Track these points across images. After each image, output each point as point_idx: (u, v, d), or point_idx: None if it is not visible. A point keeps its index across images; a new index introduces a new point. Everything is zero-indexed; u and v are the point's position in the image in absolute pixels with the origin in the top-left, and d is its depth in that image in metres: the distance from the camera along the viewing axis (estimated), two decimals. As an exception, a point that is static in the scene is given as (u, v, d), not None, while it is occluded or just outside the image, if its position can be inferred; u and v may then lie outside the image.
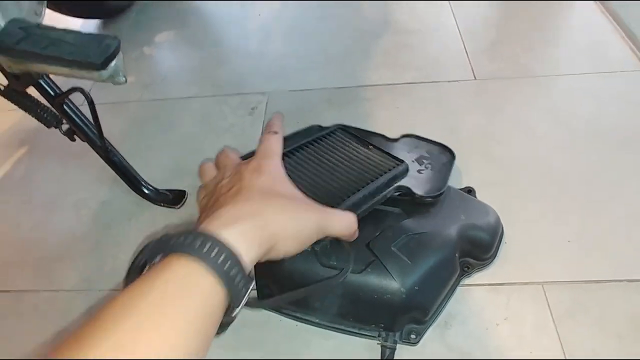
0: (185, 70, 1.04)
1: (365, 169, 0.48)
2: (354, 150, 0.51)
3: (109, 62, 0.48)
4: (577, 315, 0.58)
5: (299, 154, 0.48)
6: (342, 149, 0.51)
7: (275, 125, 0.43)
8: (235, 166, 0.38)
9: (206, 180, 0.40)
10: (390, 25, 1.07)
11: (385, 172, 0.48)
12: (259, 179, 0.35)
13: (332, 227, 0.36)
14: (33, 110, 0.64)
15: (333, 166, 0.48)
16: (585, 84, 0.87)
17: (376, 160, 0.50)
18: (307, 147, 0.49)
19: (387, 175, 0.48)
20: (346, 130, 0.54)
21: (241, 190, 0.33)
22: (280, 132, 0.41)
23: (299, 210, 0.34)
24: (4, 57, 0.47)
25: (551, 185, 0.71)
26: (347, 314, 0.56)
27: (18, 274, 0.71)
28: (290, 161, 0.47)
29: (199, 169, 0.42)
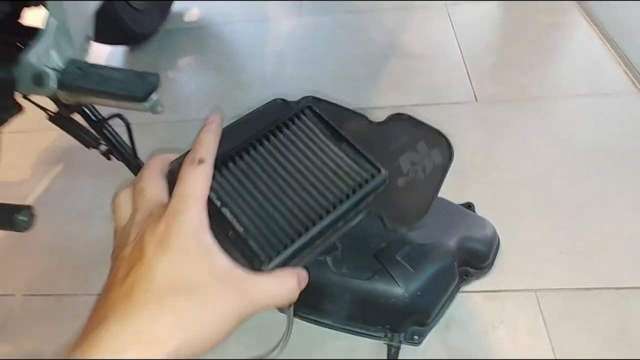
0: (207, 93, 1.13)
1: (331, 182, 0.36)
2: (320, 150, 0.38)
3: (150, 95, 0.56)
4: (567, 319, 0.64)
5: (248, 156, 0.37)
6: (304, 147, 0.38)
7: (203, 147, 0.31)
8: (147, 219, 0.29)
9: (117, 222, 0.31)
10: (397, 50, 1.15)
11: (355, 188, 0.36)
12: (164, 262, 0.26)
13: (262, 306, 0.29)
14: (76, 134, 0.73)
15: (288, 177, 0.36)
16: (581, 106, 0.93)
17: (347, 168, 0.38)
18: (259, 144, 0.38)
19: (358, 194, 0.36)
20: (316, 113, 0.41)
21: (134, 286, 0.25)
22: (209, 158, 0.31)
23: (212, 306, 0.26)
24: (64, 92, 0.56)
25: (546, 202, 0.77)
26: (357, 317, 0.63)
27: (58, 279, 0.78)
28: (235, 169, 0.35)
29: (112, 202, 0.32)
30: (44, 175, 0.97)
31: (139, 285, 0.26)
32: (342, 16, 1.31)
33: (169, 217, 0.28)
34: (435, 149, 0.45)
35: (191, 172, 0.30)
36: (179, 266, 0.26)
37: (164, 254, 0.26)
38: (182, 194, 0.29)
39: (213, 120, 0.34)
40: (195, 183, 0.29)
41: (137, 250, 0.27)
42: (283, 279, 0.30)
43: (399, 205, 0.40)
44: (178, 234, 0.27)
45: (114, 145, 0.75)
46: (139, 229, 0.28)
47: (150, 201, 0.30)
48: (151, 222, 0.28)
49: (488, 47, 1.13)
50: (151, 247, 0.27)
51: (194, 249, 0.27)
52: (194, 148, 0.31)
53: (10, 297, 0.77)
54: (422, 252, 0.62)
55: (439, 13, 1.24)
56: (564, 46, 1.11)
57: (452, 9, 1.25)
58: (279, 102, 0.44)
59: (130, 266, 0.27)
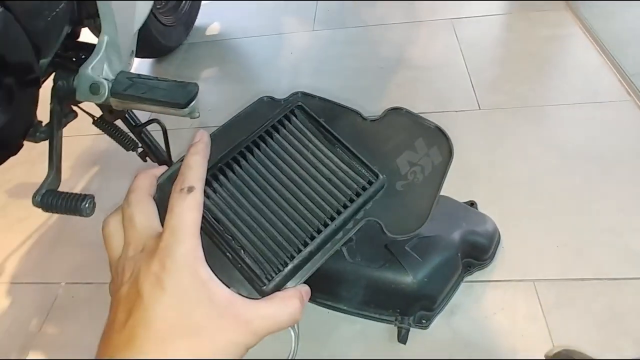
0: (229, 102, 1.22)
1: (328, 191, 0.35)
2: (313, 156, 0.36)
3: (190, 102, 0.64)
4: (563, 307, 0.70)
5: (238, 167, 0.35)
6: (297, 154, 0.36)
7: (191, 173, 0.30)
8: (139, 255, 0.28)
9: (110, 253, 0.30)
10: (405, 62, 1.23)
11: (352, 198, 0.35)
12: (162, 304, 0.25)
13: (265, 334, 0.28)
14: (117, 137, 0.81)
15: (282, 189, 0.34)
16: (576, 113, 1.00)
17: (342, 175, 0.36)
18: (249, 152, 0.36)
19: (355, 203, 0.35)
20: (306, 112, 0.38)
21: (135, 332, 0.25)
22: (199, 184, 0.29)
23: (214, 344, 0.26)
24: (115, 99, 0.64)
25: (543, 201, 0.83)
26: (370, 302, 0.69)
27: (98, 269, 0.86)
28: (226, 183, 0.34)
29: (102, 230, 0.31)
30: (81, 176, 1.05)
31: (139, 331, 0.25)
32: (353, 30, 1.39)
33: (162, 253, 0.27)
34: (434, 146, 0.42)
35: (181, 202, 0.28)
36: (177, 306, 0.26)
37: (161, 295, 0.26)
38: (174, 227, 0.27)
39: (200, 139, 0.32)
40: (187, 213, 0.28)
41: (133, 291, 0.26)
42: (285, 302, 0.29)
43: (398, 212, 0.38)
44: (173, 271, 0.26)
45: (150, 148, 0.83)
46: (133, 265, 0.28)
47: (141, 233, 0.29)
48: (145, 259, 0.27)
49: (491, 59, 1.20)
50: (148, 288, 0.26)
51: (190, 285, 0.26)
52: (183, 173, 0.30)
53: (55, 285, 0.85)
54: (429, 244, 0.69)
55: (445, 28, 1.32)
56: (562, 57, 1.19)
57: (457, 24, 1.33)
58: (266, 100, 0.41)
59: (129, 308, 0.26)
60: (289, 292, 0.30)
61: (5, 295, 0.86)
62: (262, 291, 0.30)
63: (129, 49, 0.72)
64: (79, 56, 0.66)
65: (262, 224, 0.33)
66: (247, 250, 0.31)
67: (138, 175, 0.32)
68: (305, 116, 0.39)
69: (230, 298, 0.27)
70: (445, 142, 0.42)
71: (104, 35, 0.66)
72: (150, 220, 0.29)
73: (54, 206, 0.55)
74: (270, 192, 0.34)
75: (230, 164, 0.35)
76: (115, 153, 1.06)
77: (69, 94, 0.64)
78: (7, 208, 1.02)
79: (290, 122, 0.38)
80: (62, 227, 0.96)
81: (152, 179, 0.32)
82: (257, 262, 0.31)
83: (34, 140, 0.64)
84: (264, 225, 0.33)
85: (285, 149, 0.36)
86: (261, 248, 0.32)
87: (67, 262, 0.89)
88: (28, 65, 0.53)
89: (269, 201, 0.34)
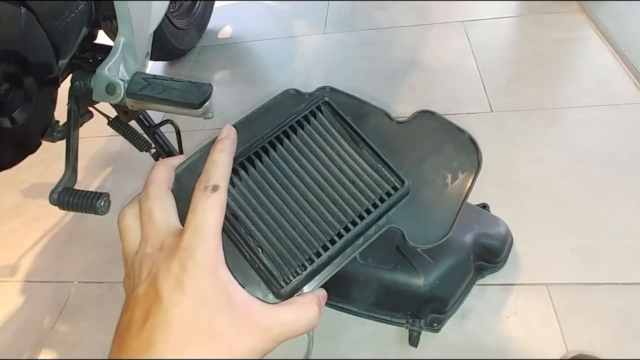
0: (240, 104, 1.22)
1: (351, 194, 0.34)
2: (338, 157, 0.36)
3: (205, 102, 0.65)
4: (577, 311, 0.69)
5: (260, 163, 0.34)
6: (322, 153, 0.35)
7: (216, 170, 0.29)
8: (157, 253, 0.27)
9: (126, 248, 0.29)
10: (417, 65, 1.22)
11: (376, 203, 0.34)
12: (182, 307, 0.25)
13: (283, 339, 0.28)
14: (131, 138, 0.82)
15: (305, 189, 0.34)
16: (590, 116, 0.99)
17: (367, 178, 0.35)
18: (272, 148, 0.34)
19: (379, 209, 0.34)
20: (333, 109, 0.37)
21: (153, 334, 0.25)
22: (224, 183, 0.29)
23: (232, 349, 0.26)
24: (131, 99, 0.65)
25: (556, 204, 0.83)
26: (381, 303, 0.69)
27: (111, 268, 0.87)
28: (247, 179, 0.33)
29: (118, 224, 0.30)
30: (96, 176, 1.07)
31: (158, 333, 0.25)
32: (365, 33, 1.40)
33: (183, 254, 0.26)
34: (462, 155, 0.40)
35: (205, 201, 0.27)
36: (197, 309, 0.25)
37: (181, 297, 0.25)
38: (196, 227, 0.27)
39: (227, 135, 0.31)
40: (210, 213, 0.27)
41: (152, 291, 0.26)
42: (303, 308, 0.28)
43: (421, 220, 0.37)
44: (194, 273, 0.25)
45: (163, 148, 0.84)
46: (152, 264, 0.27)
47: (159, 229, 0.28)
48: (164, 258, 0.26)
49: (503, 62, 1.19)
50: (167, 290, 0.25)
51: (211, 289, 0.26)
52: (208, 171, 0.29)
53: (69, 284, 0.87)
54: (441, 246, 0.68)
55: (457, 30, 1.32)
56: (575, 59, 1.18)
57: (469, 26, 1.33)
58: (292, 93, 0.40)
59: (147, 308, 0.25)
60: (307, 298, 0.29)
61: (20, 293, 0.87)
62: (279, 294, 0.29)
63: (144, 50, 0.73)
64: (95, 57, 0.68)
65: (282, 224, 0.32)
66: (265, 250, 0.31)
67: (156, 166, 0.30)
68: (332, 113, 0.37)
69: (249, 303, 0.27)
70: (474, 152, 0.40)
71: (121, 36, 0.67)
72: (169, 216, 0.29)
73: (70, 204, 0.56)
74: (292, 191, 0.33)
75: (252, 159, 0.33)
76: (129, 154, 1.08)
77: (85, 94, 0.66)
78: (22, 207, 1.04)
79: (315, 118, 0.37)
80: (75, 227, 0.97)
81: (170, 170, 0.31)
82: (275, 264, 0.30)
83: (52, 140, 0.65)
84: (284, 225, 0.32)
85: (309, 147, 0.35)
86: (280, 249, 0.31)
87: (80, 261, 0.90)
88: (48, 65, 0.54)
89: (290, 200, 0.33)
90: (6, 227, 1.00)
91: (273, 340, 0.27)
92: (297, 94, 0.39)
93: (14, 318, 0.84)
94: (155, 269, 0.26)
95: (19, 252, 0.95)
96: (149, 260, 0.27)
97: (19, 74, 0.50)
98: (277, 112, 0.37)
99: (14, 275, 0.91)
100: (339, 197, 0.34)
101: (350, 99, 0.41)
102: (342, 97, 0.40)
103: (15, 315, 0.84)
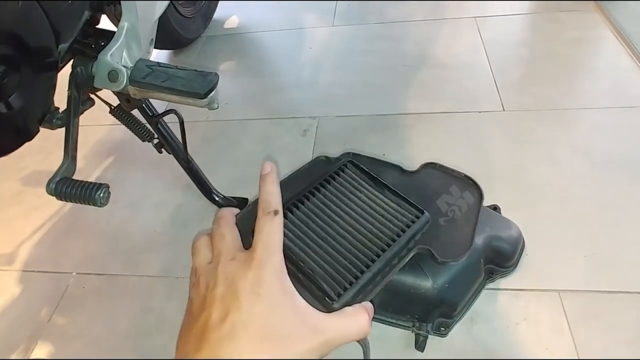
0: (246, 96, 1.20)
1: (381, 224, 0.40)
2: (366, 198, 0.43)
3: (210, 92, 0.62)
4: (590, 320, 0.67)
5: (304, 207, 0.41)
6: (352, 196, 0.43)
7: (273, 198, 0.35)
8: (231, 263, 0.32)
9: (198, 262, 0.35)
10: (428, 60, 1.19)
11: (403, 229, 0.41)
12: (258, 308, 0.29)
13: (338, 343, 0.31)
14: (133, 127, 0.80)
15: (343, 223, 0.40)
16: (606, 117, 0.96)
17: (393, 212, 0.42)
18: (312, 196, 0.42)
19: (407, 234, 0.40)
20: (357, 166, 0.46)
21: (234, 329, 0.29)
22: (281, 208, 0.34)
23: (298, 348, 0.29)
24: (133, 87, 0.62)
25: (569, 207, 0.80)
26: (387, 306, 0.67)
27: (110, 261, 0.85)
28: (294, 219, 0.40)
29: (193, 244, 0.36)
30: (96, 166, 1.05)
31: (238, 329, 0.29)
32: (375, 26, 1.37)
33: (257, 265, 0.31)
34: (466, 191, 0.54)
35: (268, 222, 0.33)
36: (270, 310, 0.30)
37: (258, 301, 0.30)
38: (265, 243, 0.32)
39: (272, 170, 0.37)
40: (274, 233, 0.33)
41: (230, 294, 0.30)
42: (355, 316, 0.33)
43: (445, 241, 0.46)
44: (267, 281, 0.30)
45: (166, 139, 0.81)
46: (227, 271, 0.32)
47: (231, 246, 0.34)
48: (239, 267, 0.31)
49: (516, 60, 1.16)
50: (245, 294, 0.30)
51: (280, 294, 0.30)
52: (265, 200, 0.35)
53: (67, 275, 0.85)
54: (451, 248, 0.66)
55: (469, 26, 1.29)
56: (591, 59, 1.14)
57: (481, 22, 1.29)
58: (322, 159, 0.51)
59: (226, 307, 0.30)
60: (356, 307, 0.34)
61: (17, 282, 0.85)
62: (332, 308, 0.34)
63: (148, 37, 0.71)
64: (98, 43, 0.65)
65: (327, 251, 0.38)
66: (316, 273, 0.36)
67: (222, 210, 0.38)
68: (356, 169, 0.47)
69: (308, 308, 0.31)
70: (475, 187, 0.54)
71: (124, 21, 0.65)
72: (238, 239, 0.35)
73: (68, 194, 0.54)
74: (333, 226, 0.40)
75: (296, 204, 0.41)
76: (131, 143, 1.05)
77: (87, 81, 0.63)
78: (22, 195, 1.02)
79: (344, 173, 0.46)
80: (76, 217, 0.95)
81: (234, 213, 0.38)
82: (327, 283, 0.35)
83: (51, 127, 0.63)
84: (329, 252, 0.38)
85: (342, 193, 0.44)
86: (329, 271, 0.36)
87: (80, 252, 0.88)
88: (47, 48, 0.52)
89: (332, 232, 0.40)
90: (5, 215, 0.98)
91: (328, 344, 0.31)
92: (326, 159, 0.51)
93: (10, 308, 0.82)
94: (231, 275, 0.31)
95: (17, 240, 0.93)
96: (224, 268, 0.32)
97: (15, 57, 0.48)
98: (309, 173, 0.47)
99: (12, 264, 0.89)
100: (372, 227, 0.41)
101: (369, 160, 0.53)
102: (362, 159, 0.52)
103: (11, 305, 0.82)
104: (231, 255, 0.33)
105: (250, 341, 0.28)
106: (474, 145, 0.94)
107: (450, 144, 0.95)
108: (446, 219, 0.48)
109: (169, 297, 0.78)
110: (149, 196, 0.96)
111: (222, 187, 0.90)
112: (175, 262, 0.83)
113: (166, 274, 0.81)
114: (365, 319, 0.33)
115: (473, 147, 0.94)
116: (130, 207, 0.94)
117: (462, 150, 0.93)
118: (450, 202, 0.51)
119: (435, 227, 0.46)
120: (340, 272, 0.36)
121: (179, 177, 0.88)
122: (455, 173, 0.55)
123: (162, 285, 0.80)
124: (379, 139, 0.99)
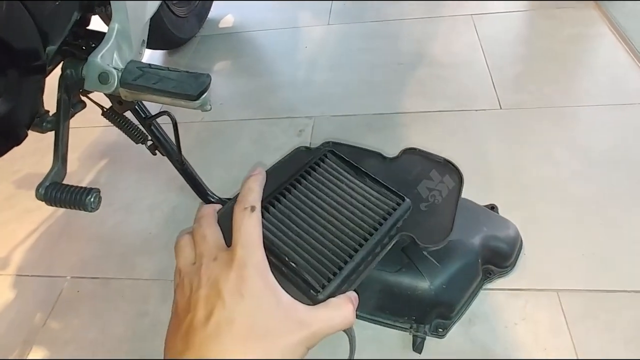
0: (241, 96, 1.19)
1: (363, 213, 0.40)
2: (347, 187, 0.43)
3: (202, 94, 0.61)
4: (588, 320, 0.66)
5: (285, 200, 0.41)
6: (333, 186, 0.43)
7: (252, 195, 0.35)
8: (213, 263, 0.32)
9: (182, 263, 0.35)
10: (424, 59, 1.19)
11: (385, 217, 0.40)
12: (242, 306, 0.30)
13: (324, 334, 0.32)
14: (126, 129, 0.79)
15: (325, 214, 0.40)
16: (604, 115, 0.95)
17: (374, 200, 0.42)
18: (293, 188, 0.42)
19: (389, 221, 0.40)
20: (337, 155, 0.45)
21: (219, 328, 0.29)
22: (258, 205, 0.34)
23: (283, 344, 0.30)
24: (124, 89, 0.61)
25: (567, 206, 0.79)
26: (384, 307, 0.66)
27: (104, 263, 0.84)
28: (276, 212, 0.39)
29: (176, 244, 0.36)
30: (89, 168, 1.04)
31: (223, 328, 0.29)
32: (371, 24, 1.36)
33: (238, 265, 0.31)
34: (446, 175, 0.53)
35: (247, 219, 0.33)
36: (253, 309, 0.30)
37: (241, 300, 0.30)
38: (245, 242, 0.32)
39: (259, 172, 0.38)
40: (252, 230, 0.33)
41: (214, 293, 0.31)
42: (339, 306, 0.33)
43: (426, 227, 0.46)
44: (249, 279, 0.31)
45: (160, 140, 0.80)
46: (210, 271, 0.32)
47: (212, 246, 0.34)
48: (222, 268, 0.32)
49: (513, 57, 1.15)
50: (228, 294, 0.30)
51: (263, 291, 0.31)
52: (244, 195, 0.35)
53: (61, 279, 0.84)
54: (448, 248, 0.65)
55: (465, 24, 1.28)
56: (589, 57, 1.14)
57: (477, 19, 1.29)
58: (302, 150, 0.50)
59: (211, 307, 0.30)
60: (341, 298, 0.34)
61: (11, 287, 0.85)
62: (316, 300, 0.34)
63: (140, 38, 0.70)
64: (88, 44, 0.64)
65: (310, 242, 0.38)
66: (300, 265, 0.36)
67: (203, 207, 0.38)
68: (337, 158, 0.46)
69: (292, 303, 0.32)
70: (455, 171, 0.53)
71: (115, 22, 0.63)
72: (219, 239, 0.35)
73: (58, 200, 0.53)
74: (315, 217, 0.40)
75: (278, 197, 0.41)
76: (125, 146, 1.04)
77: (77, 83, 0.62)
78: (15, 199, 1.01)
79: (324, 163, 0.45)
80: (69, 220, 0.94)
81: (215, 210, 0.38)
82: (311, 275, 0.35)
83: (41, 131, 0.62)
84: (312, 243, 0.38)
85: (323, 183, 0.43)
86: (312, 263, 0.36)
87: (74, 255, 0.87)
88: (34, 51, 0.50)
89: (314, 224, 0.39)
90: (-2, 219, 0.97)
91: (314, 336, 0.31)
92: (306, 150, 0.50)
93: (4, 313, 0.81)
94: (214, 276, 0.31)
95: (10, 244, 0.92)
96: (207, 269, 0.32)
97: (0, 60, 0.47)
98: (291, 164, 0.46)
99: (5, 268, 0.88)
100: (354, 217, 0.40)
101: (349, 148, 0.52)
102: (342, 147, 0.51)
103: (5, 310, 0.81)
104: (213, 255, 0.33)
105: (235, 340, 0.29)
106: (471, 144, 0.93)
107: (447, 143, 0.95)
108: (427, 204, 0.48)
109: (164, 300, 0.77)
110: (143, 198, 0.95)
111: (217, 188, 0.89)
112: (170, 264, 0.82)
113: (161, 276, 0.81)
114: (349, 309, 0.33)
115: (470, 145, 0.93)
116: (124, 209, 0.93)
117: (459, 148, 0.93)
118: (431, 187, 0.50)
119: (417, 213, 0.46)
120: (323, 264, 0.36)
121: (173, 178, 0.87)
122: (436, 157, 0.54)
123: (157, 288, 0.79)
124: (376, 138, 0.98)
